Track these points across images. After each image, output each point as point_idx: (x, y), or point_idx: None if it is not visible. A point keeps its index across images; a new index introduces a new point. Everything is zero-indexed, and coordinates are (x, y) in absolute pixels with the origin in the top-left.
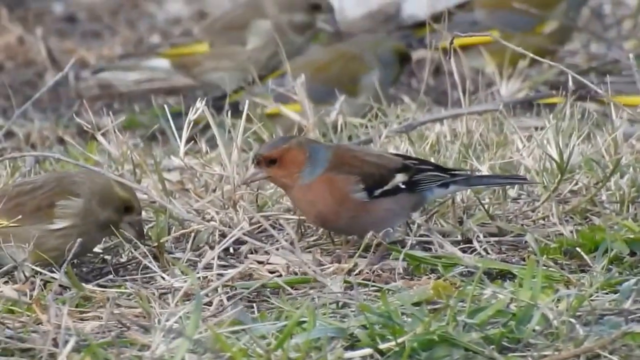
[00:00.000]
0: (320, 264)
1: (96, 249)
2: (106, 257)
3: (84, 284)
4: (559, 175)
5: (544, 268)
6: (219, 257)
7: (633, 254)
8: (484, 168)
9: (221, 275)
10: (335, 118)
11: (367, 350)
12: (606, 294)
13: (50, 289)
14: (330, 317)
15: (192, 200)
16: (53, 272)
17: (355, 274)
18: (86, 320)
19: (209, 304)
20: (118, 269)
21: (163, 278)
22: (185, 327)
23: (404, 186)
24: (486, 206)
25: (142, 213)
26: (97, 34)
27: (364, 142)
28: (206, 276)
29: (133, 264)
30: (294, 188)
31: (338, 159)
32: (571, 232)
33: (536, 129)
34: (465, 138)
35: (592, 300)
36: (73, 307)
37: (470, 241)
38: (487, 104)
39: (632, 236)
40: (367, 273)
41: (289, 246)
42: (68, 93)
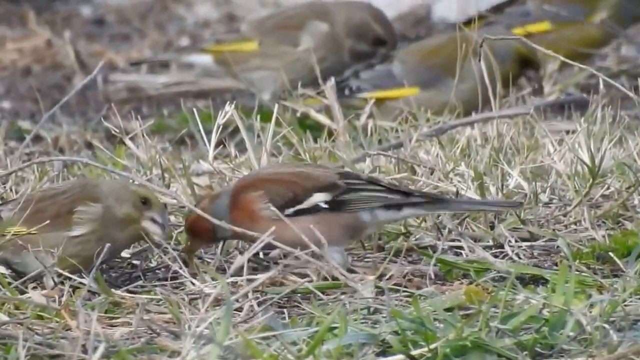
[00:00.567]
0: (351, 269)
1: (125, 254)
2: (135, 262)
3: (113, 290)
4: (591, 180)
5: (577, 273)
6: (249, 262)
7: None
8: (515, 172)
9: (251, 280)
10: (365, 122)
11: (399, 357)
12: None
13: (79, 295)
14: (362, 323)
15: None
16: (82, 278)
17: (387, 279)
18: (115, 326)
19: (240, 309)
20: (147, 274)
21: (193, 283)
22: (215, 333)
23: (326, 205)
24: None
25: (165, 208)
26: (126, 37)
27: (394, 147)
28: (236, 281)
29: (162, 269)
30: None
31: (238, 189)
32: (603, 237)
33: (567, 132)
34: (496, 142)
35: (626, 305)
36: (102, 313)
37: (502, 246)
38: (518, 107)
39: None
40: (399, 278)
41: (320, 251)
42: (96, 97)
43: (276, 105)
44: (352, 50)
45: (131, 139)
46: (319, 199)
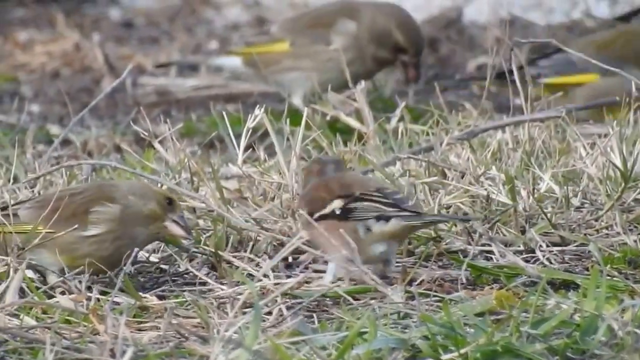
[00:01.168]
0: (380, 274)
1: (153, 258)
2: (164, 267)
3: (141, 294)
4: (623, 184)
5: (608, 278)
6: (279, 266)
7: None
8: (547, 176)
9: (280, 284)
10: (395, 125)
11: None
12: None
13: (108, 299)
14: (392, 328)
15: (251, 209)
16: (110, 282)
17: (417, 284)
18: (144, 330)
19: (269, 314)
20: (176, 278)
21: (221, 288)
22: (244, 338)
23: (338, 212)
24: (549, 215)
25: (185, 212)
26: (155, 40)
27: (425, 150)
28: (265, 286)
29: (191, 273)
30: None
31: (313, 185)
32: (635, 242)
33: (599, 136)
34: (527, 145)
35: None
36: (130, 317)
37: (532, 251)
38: (550, 110)
39: None
40: (429, 283)
41: (349, 255)
42: (125, 100)
43: (306, 108)
44: (374, 56)
45: (160, 142)
46: (336, 205)
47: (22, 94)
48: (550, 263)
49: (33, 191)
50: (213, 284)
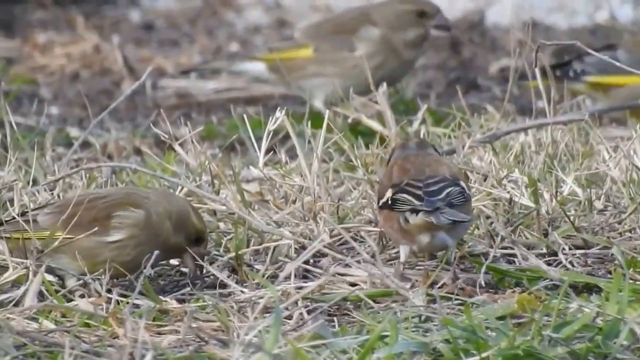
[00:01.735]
0: (402, 277)
1: (174, 261)
2: (184, 270)
3: (161, 297)
4: None
5: (631, 281)
6: (300, 270)
7: None
8: (570, 179)
9: (301, 288)
10: (417, 128)
11: None
12: None
13: (127, 303)
14: (413, 331)
15: (272, 212)
16: (130, 285)
17: (438, 287)
18: (163, 334)
19: (289, 317)
20: (196, 281)
21: (242, 291)
22: (264, 342)
23: (390, 202)
24: (572, 218)
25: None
26: (175, 42)
27: (447, 153)
28: (286, 289)
29: (211, 277)
30: None
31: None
32: None
33: (622, 139)
34: (550, 148)
35: None
36: (150, 321)
37: (555, 254)
38: (573, 113)
39: None
40: (450, 286)
41: (371, 259)
42: (145, 102)
43: (327, 111)
44: (406, 42)
45: (180, 145)
46: (388, 195)
47: (42, 96)
48: (573, 266)
49: (52, 194)
50: (234, 287)
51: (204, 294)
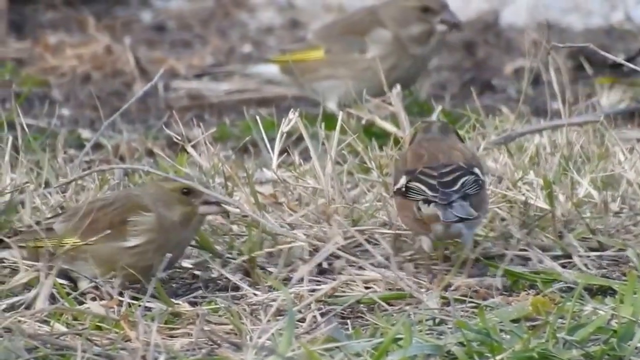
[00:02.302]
0: (416, 280)
1: (186, 264)
2: (196, 273)
3: (173, 300)
4: None
5: None
6: (314, 272)
7: None
8: (585, 181)
9: (314, 290)
10: None
11: None
12: None
13: (139, 305)
14: (427, 334)
15: (285, 214)
16: (142, 288)
17: (452, 290)
18: (176, 337)
19: (302, 320)
20: (208, 284)
21: (255, 294)
22: (277, 345)
23: (403, 189)
24: (587, 220)
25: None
26: (187, 43)
27: None
28: (299, 292)
29: (224, 279)
30: None
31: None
32: None
33: (638, 140)
34: (565, 150)
35: None
36: (162, 324)
37: (570, 256)
38: (588, 115)
39: None
40: (464, 289)
41: (385, 261)
42: (157, 104)
43: (341, 112)
44: (411, 37)
45: (193, 146)
46: (402, 181)
47: (53, 98)
48: (588, 269)
49: (64, 196)
50: (247, 289)
51: (216, 297)
